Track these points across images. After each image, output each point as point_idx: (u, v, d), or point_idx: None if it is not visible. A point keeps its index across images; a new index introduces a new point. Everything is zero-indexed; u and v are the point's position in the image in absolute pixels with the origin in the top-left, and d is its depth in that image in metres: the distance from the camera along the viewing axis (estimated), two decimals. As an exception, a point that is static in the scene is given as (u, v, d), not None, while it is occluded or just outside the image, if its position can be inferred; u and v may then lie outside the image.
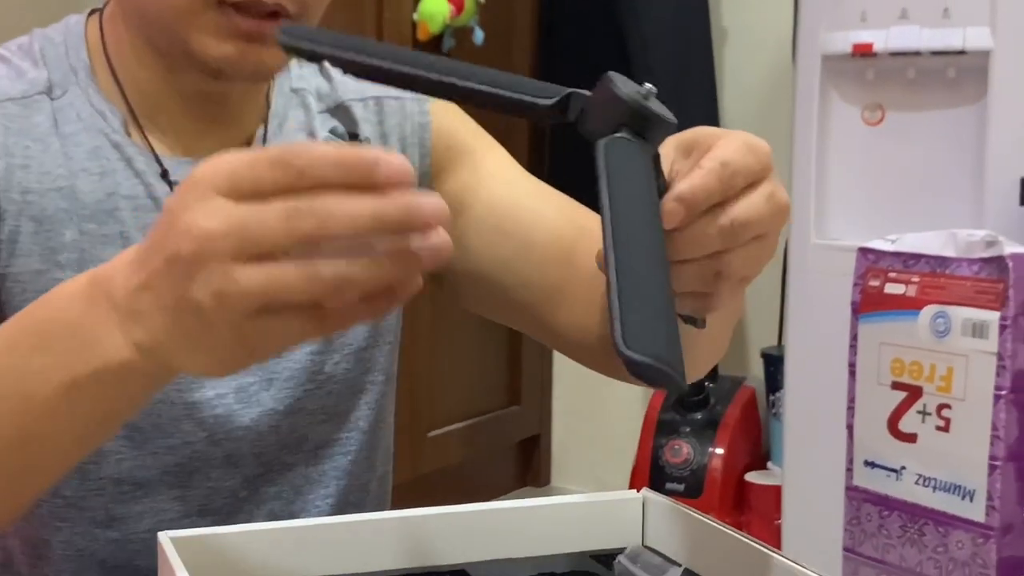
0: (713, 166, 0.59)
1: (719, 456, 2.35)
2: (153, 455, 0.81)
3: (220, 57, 0.78)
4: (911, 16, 1.93)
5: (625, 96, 0.55)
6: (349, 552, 0.70)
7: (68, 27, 0.87)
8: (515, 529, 0.73)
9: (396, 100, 0.95)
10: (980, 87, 1.91)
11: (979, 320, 1.66)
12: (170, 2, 0.77)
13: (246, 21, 0.77)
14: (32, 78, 0.83)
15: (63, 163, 0.81)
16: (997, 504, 1.64)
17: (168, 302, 0.52)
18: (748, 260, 0.62)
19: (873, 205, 2.03)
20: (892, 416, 1.76)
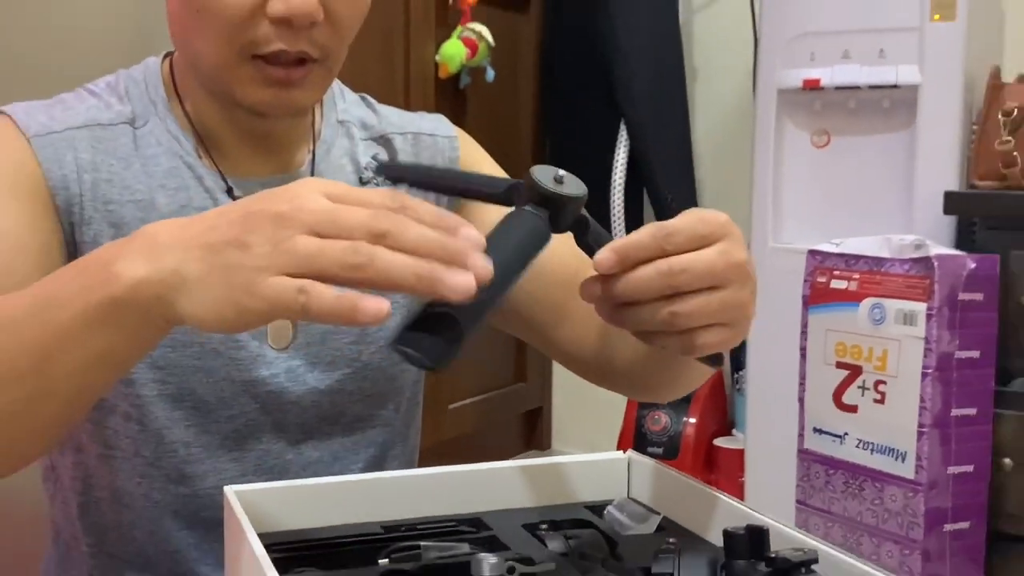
0: (650, 228, 0.60)
1: (692, 424, 2.36)
2: (215, 423, 0.81)
3: (260, 102, 0.78)
4: (852, 56, 1.93)
5: (536, 183, 0.59)
6: (382, 503, 0.70)
7: (147, 67, 0.86)
8: (521, 484, 0.74)
9: (430, 136, 0.94)
10: (910, 116, 1.91)
11: (909, 310, 1.66)
12: (214, 59, 0.77)
13: (276, 71, 0.76)
14: (118, 110, 0.83)
15: (143, 180, 0.81)
16: (924, 464, 1.64)
17: (223, 239, 0.52)
18: (708, 308, 0.61)
19: (820, 215, 2.03)
20: (836, 391, 1.76)
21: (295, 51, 0.76)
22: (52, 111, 0.81)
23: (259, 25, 0.75)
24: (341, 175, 0.88)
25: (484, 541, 0.67)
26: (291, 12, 0.73)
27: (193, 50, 0.80)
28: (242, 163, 0.85)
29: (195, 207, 0.81)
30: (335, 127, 0.90)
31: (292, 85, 0.78)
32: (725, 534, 0.57)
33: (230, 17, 0.74)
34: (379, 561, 0.60)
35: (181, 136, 0.83)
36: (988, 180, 1.84)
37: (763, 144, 2.06)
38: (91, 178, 0.79)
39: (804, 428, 1.81)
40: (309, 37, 0.76)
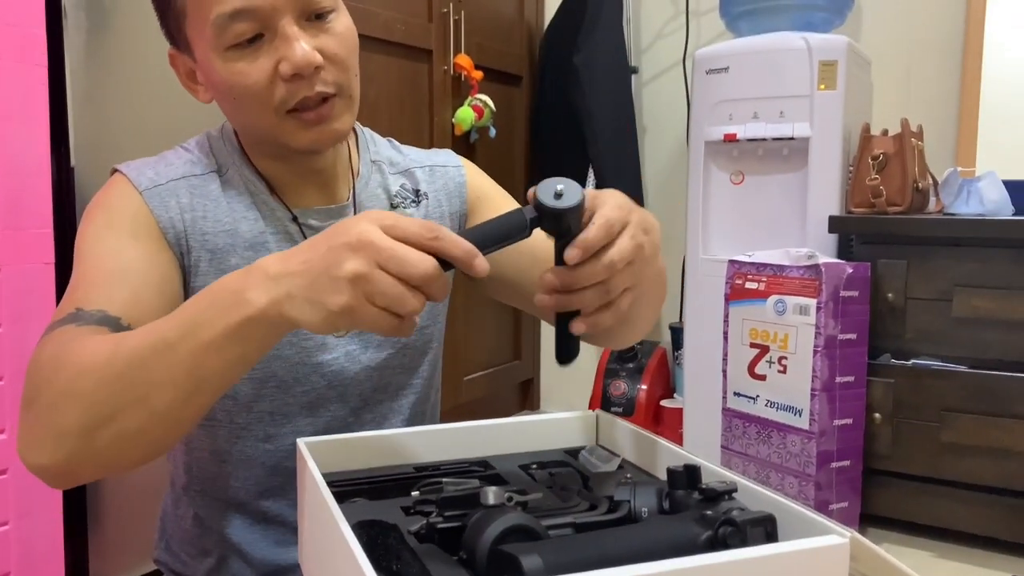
0: (602, 222, 0.59)
1: (643, 390, 2.35)
2: (292, 396, 0.81)
3: (307, 143, 0.76)
4: (760, 117, 1.93)
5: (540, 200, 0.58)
6: (414, 451, 0.70)
7: (224, 128, 0.85)
8: (517, 435, 0.74)
9: (442, 167, 0.93)
10: (803, 160, 1.91)
11: (804, 304, 1.66)
12: (261, 125, 0.76)
13: (308, 115, 0.75)
14: (206, 164, 0.81)
15: (229, 215, 0.80)
16: (816, 418, 1.64)
17: (317, 268, 0.55)
18: (625, 279, 0.61)
19: (738, 234, 2.03)
20: (750, 364, 1.76)
21: (314, 94, 0.73)
22: (157, 167, 0.79)
23: (279, 87, 0.73)
24: (376, 203, 0.87)
25: (489, 478, 0.66)
26: (296, 68, 0.71)
27: (243, 124, 0.79)
28: (301, 197, 0.83)
29: (269, 232, 0.80)
30: (369, 165, 0.89)
31: (325, 120, 0.75)
32: (668, 471, 0.57)
33: (257, 91, 0.73)
34: (412, 493, 0.60)
35: (254, 180, 0.82)
36: (861, 207, 1.84)
37: (695, 182, 2.06)
38: (190, 217, 0.78)
39: (727, 392, 1.81)
40: (320, 80, 0.73)
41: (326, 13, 0.74)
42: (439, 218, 0.91)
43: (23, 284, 1.12)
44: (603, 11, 2.31)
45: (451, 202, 0.92)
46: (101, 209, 0.76)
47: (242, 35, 0.71)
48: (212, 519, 0.84)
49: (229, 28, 0.70)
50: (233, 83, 0.73)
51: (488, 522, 0.49)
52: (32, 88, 1.13)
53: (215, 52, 0.72)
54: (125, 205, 0.76)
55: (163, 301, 0.72)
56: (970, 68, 2.08)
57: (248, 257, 0.79)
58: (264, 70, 0.72)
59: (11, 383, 1.12)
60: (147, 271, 0.73)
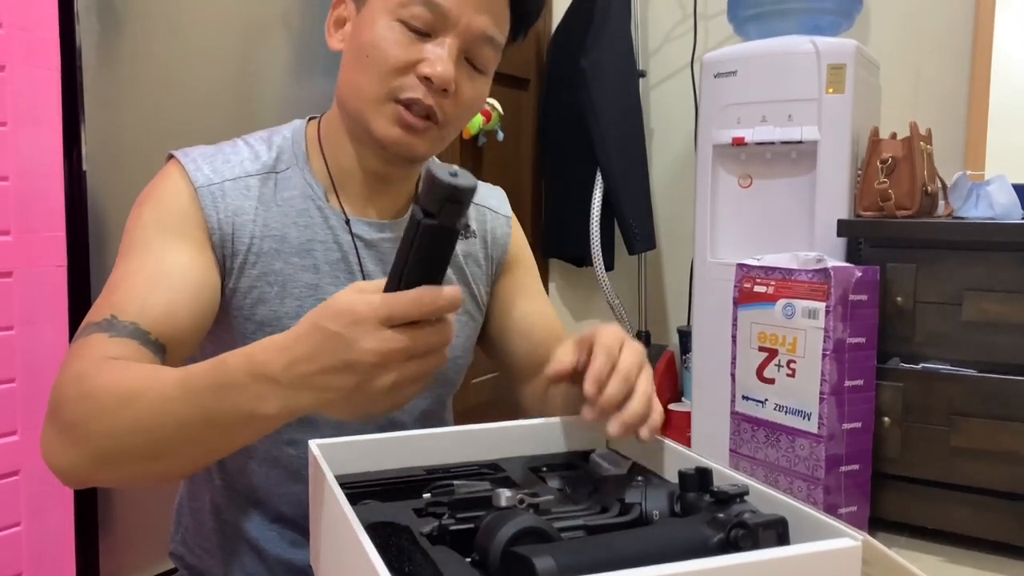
0: (602, 350, 0.67)
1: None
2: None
3: (388, 137, 0.77)
4: (768, 120, 1.93)
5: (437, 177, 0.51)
6: (427, 452, 0.70)
7: (294, 126, 0.86)
8: (528, 438, 0.74)
9: (493, 213, 0.95)
10: (811, 164, 1.91)
11: (812, 308, 1.66)
12: (367, 94, 0.77)
13: (409, 116, 0.76)
14: (263, 161, 0.82)
15: (279, 219, 0.80)
16: (825, 422, 1.64)
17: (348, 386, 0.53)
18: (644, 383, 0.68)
19: (746, 237, 2.03)
20: (759, 368, 1.76)
21: (427, 104, 0.76)
22: (215, 163, 0.79)
23: (408, 77, 0.75)
24: None
25: (500, 480, 0.67)
26: (434, 75, 0.74)
27: (356, 85, 0.78)
28: (360, 203, 0.84)
29: (319, 240, 0.81)
30: None
31: (414, 133, 0.77)
32: (680, 474, 0.57)
33: (390, 66, 0.75)
34: (423, 495, 0.60)
35: (314, 183, 0.82)
36: (870, 211, 1.84)
37: (703, 185, 2.06)
38: (240, 220, 0.78)
39: (735, 395, 1.81)
40: (439, 102, 0.76)
41: (479, 67, 0.79)
42: (483, 259, 0.93)
43: (35, 287, 1.13)
44: (611, 15, 2.31)
45: (490, 248, 0.94)
46: (154, 201, 0.77)
47: (415, 19, 0.75)
48: (230, 512, 0.85)
49: (412, 6, 0.74)
50: (377, 45, 0.75)
51: (501, 524, 0.49)
52: (45, 92, 1.14)
53: (386, 12, 0.76)
54: (177, 200, 0.77)
55: (196, 315, 0.73)
56: (979, 71, 2.07)
57: (294, 263, 0.80)
58: (408, 57, 0.75)
59: (23, 384, 1.12)
60: (186, 278, 0.73)
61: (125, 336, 0.67)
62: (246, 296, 0.79)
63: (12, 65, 1.09)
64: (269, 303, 0.79)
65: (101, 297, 0.71)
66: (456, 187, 0.51)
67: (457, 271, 0.90)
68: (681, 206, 2.51)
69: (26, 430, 1.13)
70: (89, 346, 0.66)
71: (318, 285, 0.81)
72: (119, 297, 0.70)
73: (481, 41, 0.77)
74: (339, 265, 0.82)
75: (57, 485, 1.16)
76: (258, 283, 0.79)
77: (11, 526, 1.12)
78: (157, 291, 0.71)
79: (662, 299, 2.62)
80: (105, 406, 0.60)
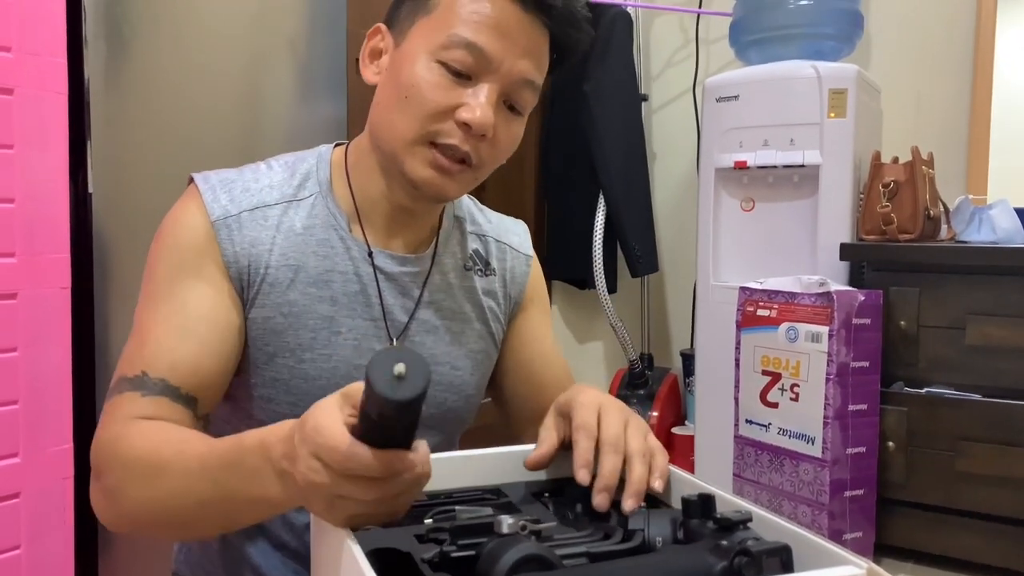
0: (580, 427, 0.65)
1: (655, 417, 2.34)
2: None
3: (420, 178, 0.77)
4: (770, 144, 1.94)
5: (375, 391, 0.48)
6: (432, 477, 0.70)
7: (320, 153, 0.85)
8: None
9: (513, 251, 0.95)
10: (813, 188, 1.91)
11: (816, 332, 1.65)
12: (403, 134, 0.76)
13: (442, 159, 0.76)
14: (284, 188, 0.81)
15: (298, 248, 0.79)
16: (829, 446, 1.63)
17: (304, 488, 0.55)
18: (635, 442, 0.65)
19: (748, 260, 2.03)
20: (762, 392, 1.75)
21: (463, 150, 0.75)
22: (232, 192, 0.79)
23: (446, 122, 0.75)
24: (452, 261, 0.88)
25: (503, 506, 0.66)
26: (474, 122, 0.74)
27: (387, 126, 0.78)
28: (383, 235, 0.83)
29: (338, 271, 0.81)
30: (452, 220, 0.89)
31: (447, 175, 0.77)
32: (683, 500, 0.57)
33: (428, 110, 0.75)
34: (425, 521, 0.60)
35: (337, 212, 0.82)
36: (872, 235, 1.84)
37: (705, 209, 2.07)
38: (256, 251, 0.78)
39: (738, 419, 1.80)
40: (476, 146, 0.76)
41: (518, 110, 0.78)
42: (502, 297, 0.93)
43: (39, 308, 1.14)
44: (613, 39, 2.33)
45: (508, 286, 0.93)
46: (172, 239, 0.77)
47: (457, 61, 0.74)
48: (235, 536, 0.84)
49: (455, 49, 0.74)
50: (417, 85, 0.74)
51: (502, 551, 0.49)
52: (52, 116, 1.15)
53: (427, 52, 0.75)
54: (193, 237, 0.77)
55: (223, 362, 0.76)
56: (980, 95, 2.08)
57: (310, 293, 0.79)
58: (448, 99, 0.74)
59: (26, 406, 1.12)
60: (210, 326, 0.75)
61: (156, 394, 0.71)
62: (260, 326, 0.79)
63: (21, 89, 1.10)
64: (282, 334, 0.79)
65: (131, 347, 0.74)
66: (395, 403, 0.47)
67: (475, 308, 0.89)
68: (683, 229, 2.52)
69: (28, 452, 1.12)
70: (122, 405, 0.71)
71: (334, 318, 0.80)
72: (149, 352, 0.73)
73: (521, 85, 0.76)
74: (357, 298, 0.81)
75: (57, 508, 1.15)
76: (272, 313, 0.79)
77: (11, 549, 1.11)
78: (184, 344, 0.73)
79: (665, 322, 2.62)
80: (137, 475, 0.66)
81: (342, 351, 0.80)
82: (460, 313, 0.88)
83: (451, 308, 0.87)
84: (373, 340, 0.81)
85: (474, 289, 0.89)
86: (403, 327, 0.83)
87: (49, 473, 1.15)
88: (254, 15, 1.52)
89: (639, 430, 0.65)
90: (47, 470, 1.14)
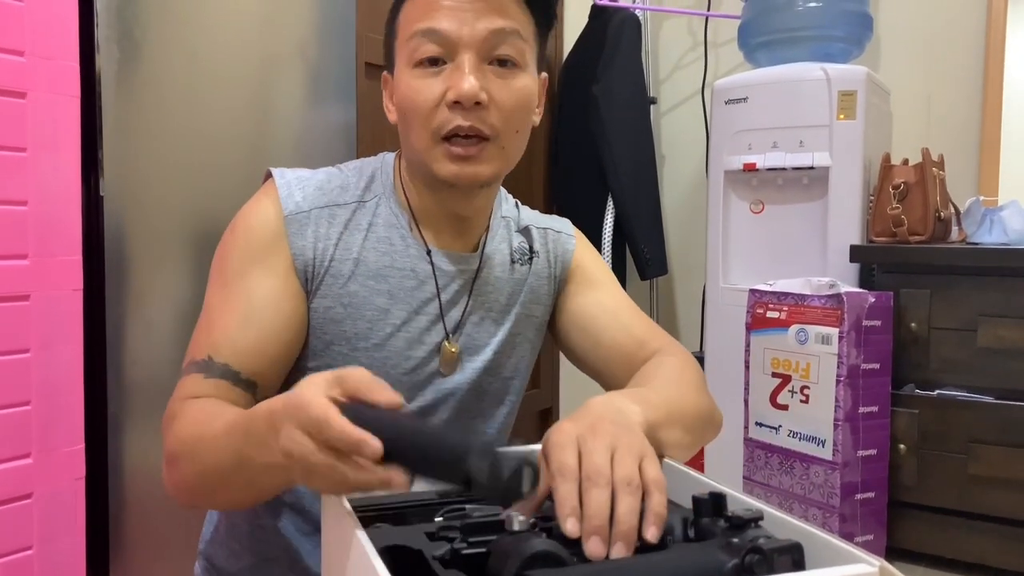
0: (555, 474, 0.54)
1: (664, 420, 2.33)
2: None
3: (449, 174, 0.79)
4: (779, 146, 1.94)
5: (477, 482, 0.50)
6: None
7: (383, 159, 0.89)
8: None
9: (556, 232, 0.97)
10: (823, 190, 1.91)
11: (826, 334, 1.65)
12: (420, 144, 0.79)
13: (458, 148, 0.77)
14: (352, 192, 0.85)
15: (359, 243, 0.82)
16: (839, 448, 1.62)
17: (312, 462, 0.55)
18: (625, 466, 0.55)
19: (758, 263, 2.02)
20: (772, 394, 1.74)
21: (467, 125, 0.77)
22: (306, 190, 0.83)
23: (442, 111, 0.77)
24: (500, 257, 0.90)
25: (513, 504, 0.66)
26: (459, 96, 0.75)
27: (409, 142, 0.81)
28: (440, 236, 0.86)
29: (396, 267, 0.83)
30: (499, 220, 0.92)
31: (471, 160, 0.78)
32: (694, 498, 0.57)
33: (423, 108, 0.77)
34: (435, 518, 0.60)
35: (399, 213, 0.85)
36: (883, 236, 1.83)
37: (714, 211, 2.06)
38: (323, 246, 0.81)
39: (749, 422, 1.80)
40: (479, 117, 0.77)
41: (508, 62, 0.78)
42: (546, 277, 0.94)
43: (52, 310, 1.14)
44: (622, 42, 2.33)
45: (553, 267, 0.95)
46: (245, 228, 0.81)
47: (427, 52, 0.76)
48: (268, 515, 0.86)
49: (419, 45, 0.77)
50: (408, 97, 0.78)
51: (514, 548, 0.49)
52: (65, 119, 1.16)
53: (406, 66, 0.78)
54: (265, 228, 0.81)
55: (284, 349, 0.79)
56: (991, 97, 2.08)
57: (369, 286, 0.82)
58: (434, 93, 0.77)
59: (38, 407, 1.13)
60: (274, 314, 0.78)
61: (218, 376, 0.75)
62: (320, 315, 0.82)
63: (34, 92, 1.11)
64: (340, 323, 0.82)
65: (199, 331, 0.79)
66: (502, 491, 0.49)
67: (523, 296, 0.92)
68: (693, 232, 2.52)
69: (40, 453, 1.13)
70: (186, 386, 0.75)
71: (389, 311, 0.83)
72: (215, 337, 0.77)
73: (497, 39, 0.77)
74: (414, 293, 0.84)
75: (69, 509, 1.16)
76: (333, 304, 0.82)
77: (23, 549, 1.12)
78: (248, 331, 0.76)
79: (674, 324, 2.61)
80: (186, 449, 0.69)
81: (395, 342, 0.83)
82: (508, 306, 0.91)
83: (499, 301, 0.90)
84: (426, 334, 0.84)
85: (522, 280, 0.92)
86: (457, 323, 0.87)
87: (61, 474, 1.15)
88: (264, 20, 1.53)
89: (630, 454, 0.55)
90: (59, 471, 1.15)
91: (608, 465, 0.54)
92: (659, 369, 0.83)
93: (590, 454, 0.54)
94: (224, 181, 1.44)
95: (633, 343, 0.90)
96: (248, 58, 1.51)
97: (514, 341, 0.92)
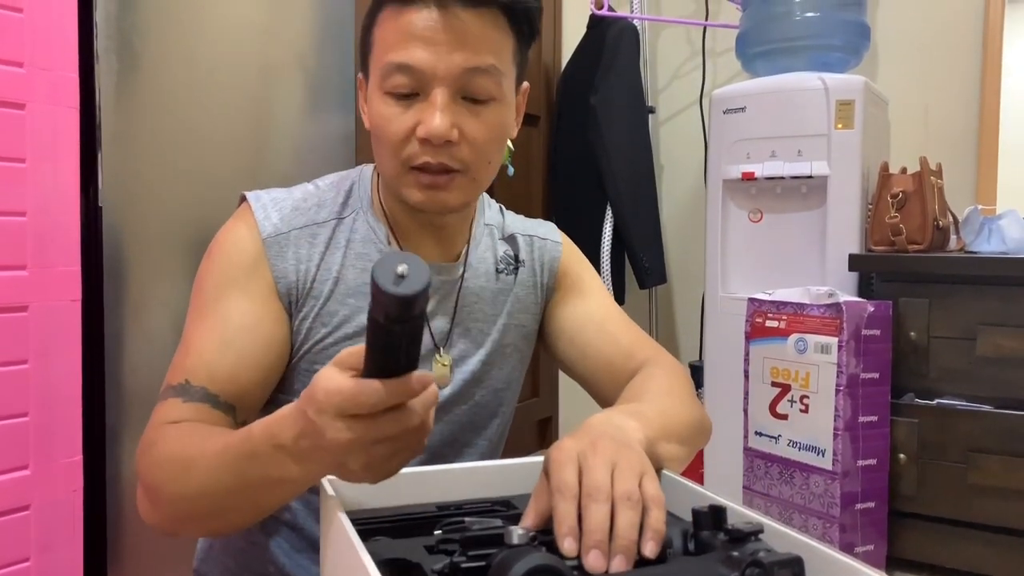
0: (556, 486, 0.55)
1: (663, 429, 2.32)
2: None
3: (417, 202, 0.79)
4: (778, 155, 1.94)
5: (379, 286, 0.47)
6: (438, 488, 0.70)
7: (361, 171, 0.89)
8: (539, 475, 0.73)
9: (542, 240, 0.97)
10: (822, 198, 1.91)
11: (825, 343, 1.65)
12: (390, 170, 0.80)
13: (425, 177, 0.78)
14: (330, 208, 0.85)
15: (339, 262, 0.82)
16: (839, 458, 1.62)
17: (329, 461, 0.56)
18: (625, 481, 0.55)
19: (757, 272, 2.03)
20: (772, 403, 1.74)
21: (436, 163, 0.77)
22: (283, 211, 0.83)
23: (412, 144, 0.77)
24: (484, 266, 0.90)
25: (512, 517, 0.66)
26: (429, 134, 0.75)
27: (380, 162, 0.82)
28: (419, 247, 0.86)
29: None
30: (483, 228, 0.92)
31: (440, 188, 0.78)
32: (693, 511, 0.56)
33: (394, 140, 0.77)
34: (434, 532, 0.60)
35: (377, 227, 0.85)
36: (881, 245, 1.83)
37: (713, 220, 2.07)
38: (304, 268, 0.81)
39: (748, 431, 1.79)
40: (448, 153, 0.77)
41: (483, 99, 0.78)
42: (533, 286, 0.94)
43: (50, 321, 1.14)
44: (620, 52, 2.34)
45: (539, 275, 0.95)
46: (223, 254, 0.81)
47: (399, 87, 0.76)
48: (262, 533, 0.86)
49: (392, 77, 0.76)
50: (378, 123, 0.78)
51: (513, 562, 0.49)
52: (64, 130, 1.16)
53: (378, 91, 0.78)
54: (243, 253, 0.80)
55: (262, 372, 0.79)
56: (988, 105, 2.08)
57: (349, 304, 0.82)
58: (405, 125, 0.77)
59: (36, 418, 1.13)
60: (252, 338, 0.78)
61: (197, 400, 0.74)
62: (301, 335, 0.82)
63: (33, 104, 1.11)
64: (321, 342, 0.82)
65: (178, 357, 0.78)
66: (398, 297, 0.46)
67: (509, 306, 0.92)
68: (691, 241, 2.52)
69: (38, 464, 1.13)
70: (164, 411, 0.74)
71: None
72: (192, 362, 0.76)
73: (468, 75, 0.76)
74: None
75: (67, 520, 1.16)
76: (314, 323, 0.82)
77: (20, 561, 1.11)
78: (225, 355, 0.76)
79: (673, 334, 2.61)
80: (168, 474, 0.68)
81: None
82: (494, 315, 0.91)
83: (484, 311, 0.90)
84: None
85: (507, 290, 0.92)
86: (445, 334, 0.86)
87: (59, 485, 1.15)
88: (263, 29, 1.54)
89: (630, 470, 0.55)
90: (57, 482, 1.15)
91: (608, 481, 0.54)
92: (649, 382, 0.83)
93: (591, 470, 0.55)
94: (223, 192, 1.44)
95: (620, 354, 0.90)
96: (247, 68, 1.52)
97: (503, 352, 0.91)
